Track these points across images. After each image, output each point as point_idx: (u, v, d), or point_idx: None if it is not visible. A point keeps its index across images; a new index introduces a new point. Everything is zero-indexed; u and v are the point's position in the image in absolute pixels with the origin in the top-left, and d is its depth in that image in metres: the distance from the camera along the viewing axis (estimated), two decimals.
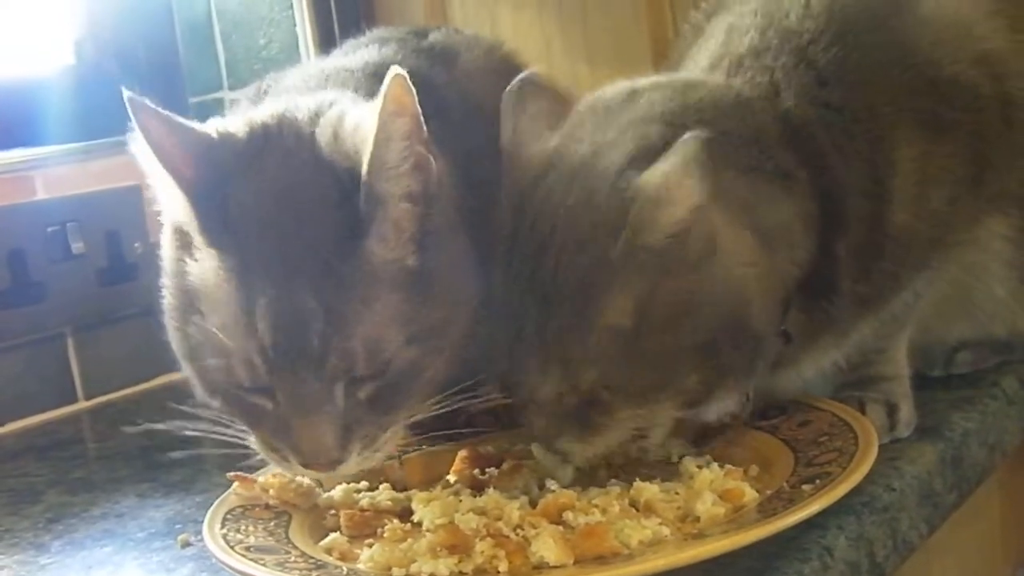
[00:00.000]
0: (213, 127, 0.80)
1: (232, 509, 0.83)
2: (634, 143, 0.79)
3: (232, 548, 0.76)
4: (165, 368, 1.02)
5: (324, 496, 0.85)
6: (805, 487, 0.75)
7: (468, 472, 0.86)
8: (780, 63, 0.86)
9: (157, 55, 1.54)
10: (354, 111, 0.80)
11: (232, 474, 0.86)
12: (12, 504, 1.03)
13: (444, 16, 1.56)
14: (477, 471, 0.86)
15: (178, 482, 1.00)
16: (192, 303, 0.78)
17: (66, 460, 1.16)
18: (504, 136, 0.85)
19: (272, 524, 0.81)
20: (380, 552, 0.73)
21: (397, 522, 0.79)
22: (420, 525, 0.77)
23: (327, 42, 1.55)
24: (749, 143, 0.82)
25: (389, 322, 0.76)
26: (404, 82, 0.75)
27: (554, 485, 0.81)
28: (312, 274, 0.74)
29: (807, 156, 0.84)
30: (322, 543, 0.78)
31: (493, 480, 0.84)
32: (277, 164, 0.77)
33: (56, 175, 1.34)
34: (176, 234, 0.80)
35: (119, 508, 0.97)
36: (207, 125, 0.81)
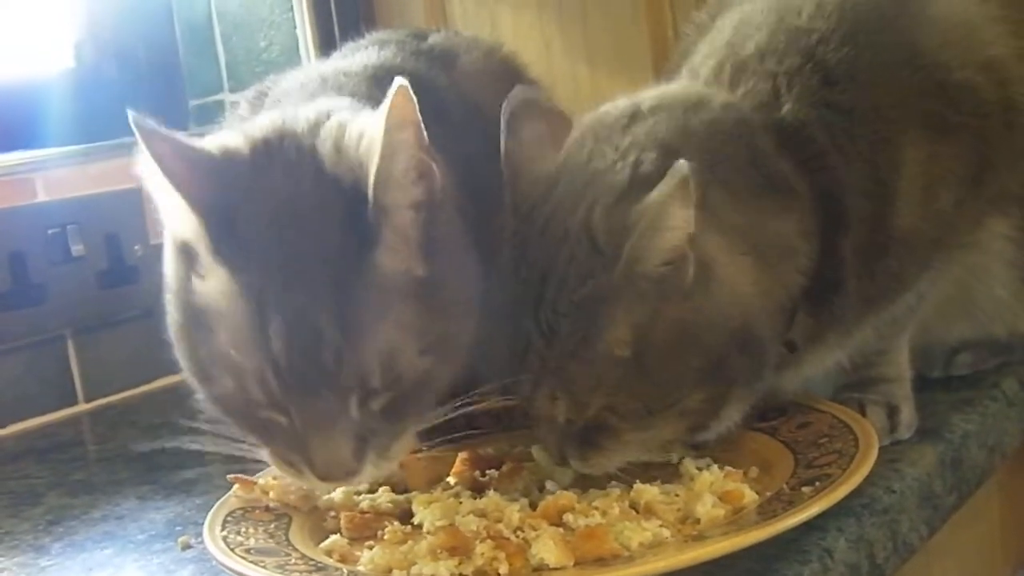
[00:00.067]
0: (214, 144, 0.79)
1: (232, 511, 0.83)
2: (631, 170, 0.79)
3: (232, 550, 0.76)
4: (165, 370, 1.01)
5: (324, 498, 0.85)
6: (805, 489, 0.75)
7: (468, 474, 0.86)
8: (785, 66, 0.86)
9: (157, 57, 1.53)
10: (354, 122, 0.79)
11: (232, 476, 0.86)
12: (12, 506, 1.03)
13: (444, 18, 1.56)
14: (477, 473, 0.86)
15: (178, 484, 1.00)
16: (200, 321, 0.77)
17: (66, 462, 1.16)
18: (503, 159, 0.85)
19: (272, 526, 0.81)
20: (380, 554, 0.73)
21: (397, 524, 0.79)
22: (420, 527, 0.77)
23: (327, 44, 1.55)
24: (746, 164, 0.82)
25: (402, 334, 0.76)
26: (407, 93, 0.74)
27: (554, 487, 0.81)
28: (323, 290, 0.74)
29: (806, 159, 0.84)
30: (322, 545, 0.78)
31: (493, 482, 0.84)
32: (282, 180, 0.77)
33: (56, 177, 1.34)
34: (180, 251, 0.79)
35: (119, 510, 0.97)
36: (207, 141, 0.80)
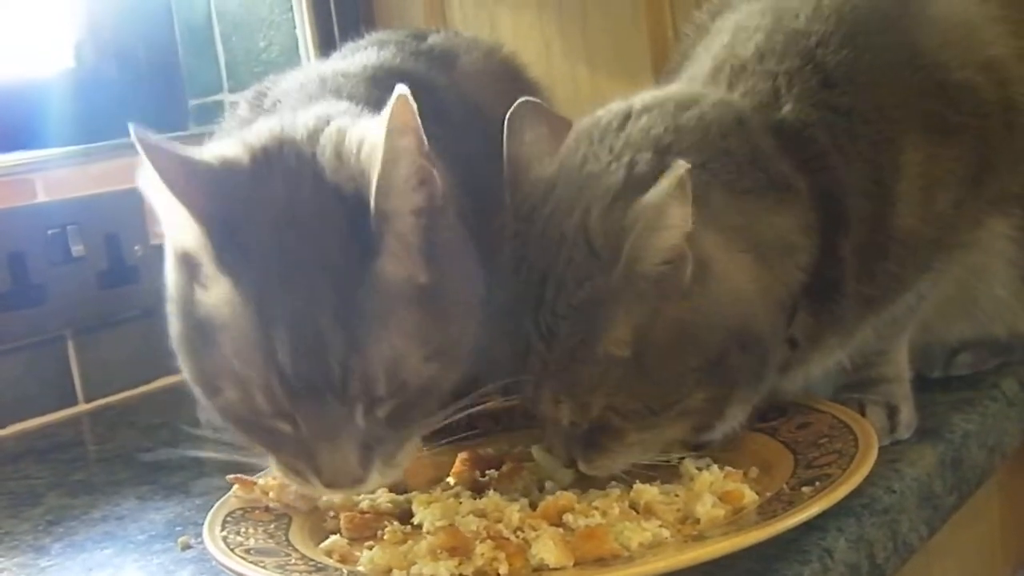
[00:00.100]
0: (213, 154, 0.79)
1: (232, 511, 0.83)
2: (625, 171, 0.79)
3: (232, 551, 0.76)
4: (165, 370, 1.02)
5: (324, 499, 0.85)
6: (805, 489, 0.75)
7: (468, 474, 0.86)
8: (784, 67, 0.86)
9: (157, 57, 1.54)
10: (354, 128, 0.79)
11: (232, 477, 0.86)
12: (12, 506, 1.03)
13: (443, 18, 1.56)
14: (477, 473, 0.86)
15: (178, 484, 1.00)
16: (203, 331, 0.77)
17: (66, 462, 1.16)
18: (505, 163, 0.85)
19: (272, 526, 0.81)
20: (380, 554, 0.73)
21: (397, 524, 0.79)
22: (420, 527, 0.77)
23: (327, 44, 1.55)
24: (744, 162, 0.82)
25: (406, 341, 0.76)
26: (407, 101, 0.74)
27: (554, 487, 0.81)
28: (328, 298, 0.73)
29: (807, 159, 0.84)
30: (322, 545, 0.78)
31: (493, 482, 0.84)
32: (282, 188, 0.77)
33: (56, 178, 1.34)
34: (182, 262, 0.79)
35: (119, 511, 0.97)
36: (206, 151, 0.80)
